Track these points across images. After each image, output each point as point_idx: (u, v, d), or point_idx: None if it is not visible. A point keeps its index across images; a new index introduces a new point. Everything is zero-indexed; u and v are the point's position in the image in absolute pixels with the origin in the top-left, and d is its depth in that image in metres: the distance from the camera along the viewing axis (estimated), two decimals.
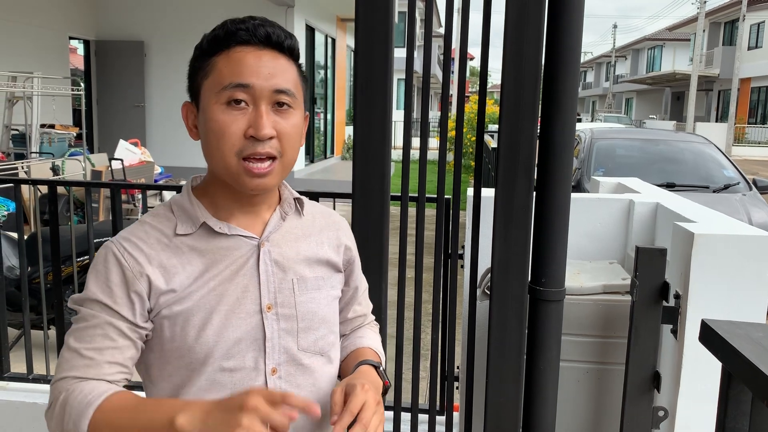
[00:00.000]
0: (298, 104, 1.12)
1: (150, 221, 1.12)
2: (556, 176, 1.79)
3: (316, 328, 1.16)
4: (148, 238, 1.09)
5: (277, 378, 1.12)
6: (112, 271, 1.06)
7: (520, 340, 1.88)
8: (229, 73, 1.06)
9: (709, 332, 1.13)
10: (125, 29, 11.57)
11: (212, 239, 1.10)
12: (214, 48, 1.09)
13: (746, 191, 6.11)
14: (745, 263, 1.79)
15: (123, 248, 1.07)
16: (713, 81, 33.77)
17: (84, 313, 1.05)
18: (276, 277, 1.13)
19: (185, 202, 1.13)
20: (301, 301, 1.15)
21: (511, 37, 1.77)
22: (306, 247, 1.19)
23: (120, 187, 2.88)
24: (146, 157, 8.72)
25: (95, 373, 1.03)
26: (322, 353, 1.18)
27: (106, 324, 1.04)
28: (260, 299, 1.11)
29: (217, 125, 1.06)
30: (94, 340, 1.04)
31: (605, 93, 51.78)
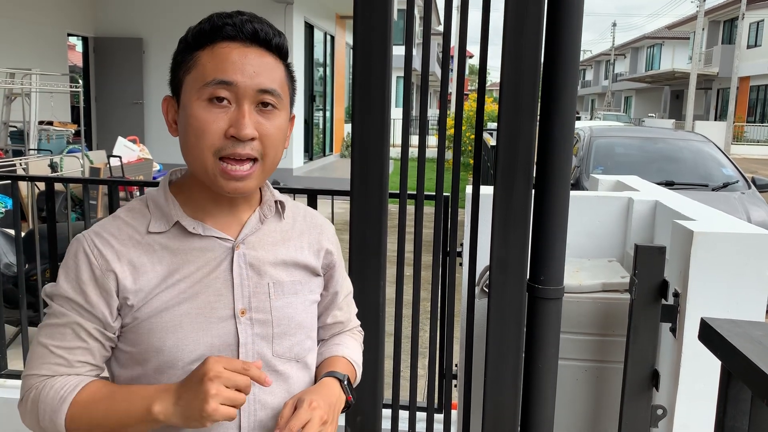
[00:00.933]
0: (284, 105, 1.08)
1: (123, 216, 1.08)
2: (555, 174, 1.78)
3: (292, 334, 1.13)
4: (120, 234, 1.05)
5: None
6: (81, 268, 1.03)
7: (518, 339, 1.87)
8: (212, 69, 1.01)
9: (709, 331, 1.13)
10: (124, 26, 11.55)
11: (185, 239, 1.06)
12: (199, 42, 1.05)
13: (745, 189, 6.12)
14: (745, 261, 1.79)
15: (93, 244, 1.04)
16: (712, 79, 33.78)
17: (55, 309, 1.04)
18: (251, 281, 1.09)
19: (160, 199, 1.09)
20: (277, 306, 1.11)
21: (510, 35, 1.76)
22: (284, 251, 1.14)
23: (118, 184, 2.88)
24: (145, 154, 8.72)
25: (66, 371, 1.03)
26: (298, 359, 1.15)
27: (76, 324, 1.03)
28: (233, 303, 1.07)
29: (197, 122, 1.01)
30: (65, 339, 1.03)
31: (604, 91, 51.78)
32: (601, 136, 7.00)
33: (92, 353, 1.04)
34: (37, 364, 1.03)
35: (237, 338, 1.07)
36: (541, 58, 1.77)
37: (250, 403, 1.07)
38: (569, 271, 2.16)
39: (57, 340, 1.03)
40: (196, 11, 8.49)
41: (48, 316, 1.05)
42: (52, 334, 1.03)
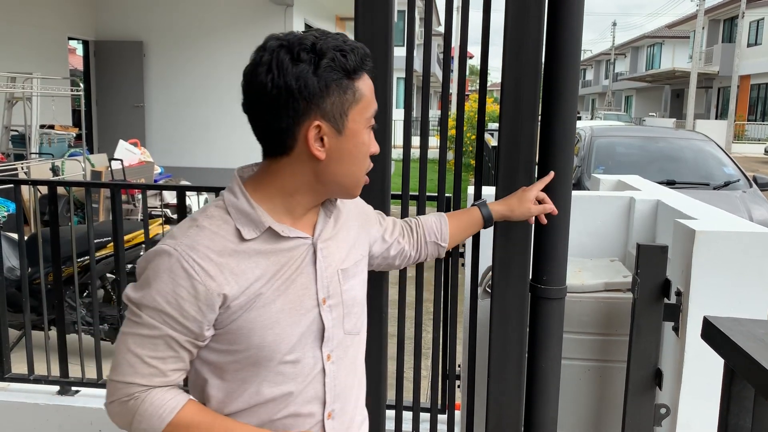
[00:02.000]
0: None
1: (208, 226, 1.11)
2: (556, 174, 1.78)
3: (356, 312, 1.26)
4: (214, 245, 1.09)
5: (330, 363, 1.20)
6: (180, 283, 1.06)
7: (521, 339, 1.88)
8: (372, 101, 1.16)
9: (712, 329, 1.13)
10: (124, 29, 11.55)
11: (275, 242, 1.14)
12: (353, 73, 1.12)
13: (746, 188, 6.11)
14: (747, 260, 1.79)
15: (192, 259, 1.07)
16: (713, 78, 33.75)
17: (145, 320, 1.08)
18: (327, 271, 1.21)
19: (245, 206, 1.13)
20: (345, 289, 1.23)
21: (511, 36, 1.76)
22: (344, 239, 1.27)
23: (120, 188, 2.88)
24: (146, 157, 8.72)
25: (160, 381, 1.10)
26: (359, 332, 1.29)
27: (168, 337, 1.08)
28: (317, 294, 1.18)
29: (366, 148, 1.17)
30: (157, 349, 1.09)
31: (605, 91, 51.74)
32: (602, 135, 7.00)
33: (183, 361, 1.12)
34: (130, 372, 1.09)
35: (322, 324, 1.18)
36: (542, 58, 1.77)
37: (330, 379, 1.20)
38: (571, 271, 2.16)
39: (149, 350, 1.08)
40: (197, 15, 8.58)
41: (136, 325, 1.09)
42: (143, 344, 1.08)
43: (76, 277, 3.15)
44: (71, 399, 2.98)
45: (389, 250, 1.51)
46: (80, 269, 3.88)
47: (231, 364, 1.14)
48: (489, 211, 1.66)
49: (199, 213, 1.14)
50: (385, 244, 1.50)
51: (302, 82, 1.07)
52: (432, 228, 1.60)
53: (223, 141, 11.34)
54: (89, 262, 3.08)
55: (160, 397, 1.09)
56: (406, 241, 1.56)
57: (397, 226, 1.55)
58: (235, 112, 5.95)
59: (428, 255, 1.62)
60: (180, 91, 11.48)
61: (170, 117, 11.57)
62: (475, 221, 1.67)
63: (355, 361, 1.29)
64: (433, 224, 1.60)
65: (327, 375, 1.20)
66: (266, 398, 1.15)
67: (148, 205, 8.08)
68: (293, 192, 1.16)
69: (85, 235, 3.05)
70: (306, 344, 1.17)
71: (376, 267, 1.54)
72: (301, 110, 1.09)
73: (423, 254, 1.60)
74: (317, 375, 1.18)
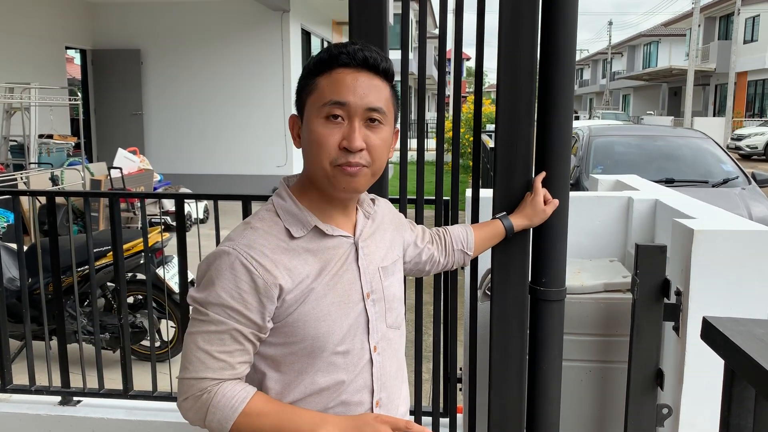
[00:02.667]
0: (388, 120, 1.25)
1: (261, 227, 1.22)
2: (553, 175, 1.78)
3: (395, 307, 1.35)
4: (269, 243, 1.19)
5: (377, 354, 1.29)
6: (241, 278, 1.15)
7: (521, 341, 1.87)
8: (329, 92, 1.19)
9: (711, 330, 1.13)
10: (121, 38, 11.57)
11: (321, 240, 1.25)
12: (319, 69, 1.22)
13: (745, 185, 6.11)
14: (746, 258, 1.78)
15: (250, 256, 1.16)
16: (710, 75, 33.76)
17: (212, 317, 1.16)
18: (369, 268, 1.30)
19: (293, 208, 1.25)
20: (386, 285, 1.33)
21: (505, 37, 1.76)
22: (380, 238, 1.37)
23: (118, 196, 2.88)
24: (145, 165, 8.72)
25: (230, 374, 1.17)
26: (399, 327, 1.38)
27: (235, 330, 1.16)
28: (362, 289, 1.27)
29: (317, 136, 1.19)
30: (224, 344, 1.16)
31: (602, 90, 51.77)
32: (600, 135, 6.99)
33: (249, 353, 1.20)
34: (201, 368, 1.16)
35: (367, 317, 1.27)
36: (536, 59, 1.77)
37: (377, 369, 1.29)
38: (571, 272, 2.16)
39: (217, 345, 1.16)
40: (193, 22, 8.58)
41: (203, 323, 1.17)
42: (211, 340, 1.16)
43: (76, 287, 3.14)
44: (73, 409, 2.97)
45: (421, 255, 1.60)
46: (81, 278, 3.88)
47: (288, 356, 1.22)
48: (510, 223, 1.76)
49: (252, 217, 1.26)
50: (417, 249, 1.59)
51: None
52: (459, 237, 1.69)
53: (222, 147, 11.35)
54: (89, 272, 3.08)
55: (231, 389, 1.16)
56: (435, 247, 1.64)
57: (426, 233, 1.64)
58: (234, 118, 6.09)
59: (455, 262, 1.70)
60: (178, 98, 11.50)
61: (169, 124, 11.59)
62: (498, 232, 1.76)
63: (398, 353, 1.37)
64: (459, 234, 1.69)
65: (374, 365, 1.28)
66: (320, 387, 1.23)
67: (148, 212, 8.08)
68: (311, 188, 1.27)
69: (85, 244, 3.05)
70: (355, 336, 1.25)
71: (408, 272, 1.62)
72: (297, 109, 1.28)
73: (450, 261, 1.69)
74: (365, 365, 1.27)
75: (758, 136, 19.89)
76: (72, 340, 3.56)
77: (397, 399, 1.36)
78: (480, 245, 1.73)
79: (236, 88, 11.18)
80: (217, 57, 11.23)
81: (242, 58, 11.12)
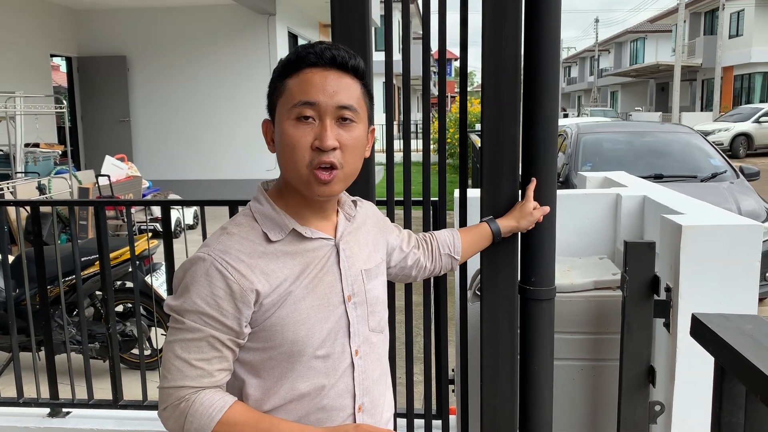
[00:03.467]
0: (361, 118, 1.23)
1: (237, 232, 1.21)
2: (540, 173, 1.77)
3: (378, 311, 1.34)
4: (245, 248, 1.18)
5: (358, 358, 1.27)
6: (216, 284, 1.14)
7: (512, 341, 1.86)
8: (298, 92, 1.18)
9: (700, 326, 1.12)
10: (107, 45, 11.51)
11: (299, 243, 1.23)
12: (288, 70, 1.21)
13: (734, 179, 6.14)
14: (734, 253, 1.78)
15: (225, 261, 1.15)
16: (696, 71, 33.96)
17: (188, 325, 1.14)
18: (351, 270, 1.28)
19: (270, 211, 1.24)
20: (369, 288, 1.31)
21: (488, 36, 1.75)
22: (363, 240, 1.35)
23: (103, 204, 2.85)
24: (133, 171, 8.67)
25: (208, 381, 1.15)
26: (382, 331, 1.36)
27: (211, 337, 1.14)
28: (343, 292, 1.26)
29: (289, 139, 1.18)
30: (202, 351, 1.14)
31: (590, 87, 51.97)
32: (588, 132, 7.01)
33: (227, 360, 1.18)
34: (179, 376, 1.14)
35: (348, 320, 1.26)
36: (521, 58, 1.76)
37: (359, 373, 1.27)
38: (560, 271, 2.15)
39: (194, 353, 1.14)
40: (179, 27, 8.54)
41: (179, 331, 1.15)
42: (189, 348, 1.14)
43: (62, 297, 3.11)
44: (62, 421, 2.94)
45: (406, 260, 1.58)
46: (69, 288, 3.84)
47: (267, 362, 1.21)
48: (497, 226, 1.74)
49: (229, 222, 1.24)
50: (402, 253, 1.57)
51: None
52: (445, 241, 1.66)
53: (210, 152, 11.30)
54: (76, 282, 3.04)
55: (210, 398, 1.14)
56: (422, 252, 1.62)
57: (412, 237, 1.62)
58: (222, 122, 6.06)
59: (443, 267, 1.68)
60: (165, 104, 11.45)
61: (157, 130, 11.53)
62: (485, 235, 1.74)
63: (381, 358, 1.36)
64: (446, 238, 1.67)
65: (356, 369, 1.27)
66: (301, 393, 1.21)
67: (137, 220, 8.03)
68: (288, 191, 1.25)
69: (71, 254, 3.01)
70: (336, 339, 1.24)
71: (394, 277, 1.61)
72: (269, 113, 1.27)
73: (438, 266, 1.66)
74: (347, 369, 1.25)
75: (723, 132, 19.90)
76: (61, 351, 3.52)
77: (381, 405, 1.34)
78: (468, 249, 1.71)
79: (224, 93, 11.14)
80: (204, 62, 11.19)
81: (229, 63, 11.08)
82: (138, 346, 3.03)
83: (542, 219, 1.77)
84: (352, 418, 1.26)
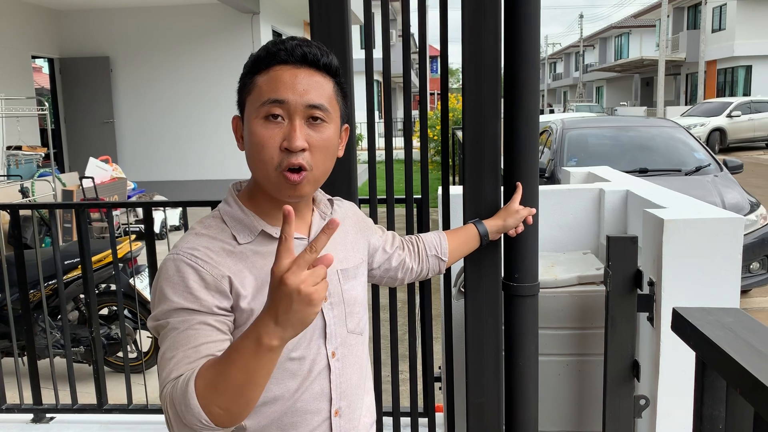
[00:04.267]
0: (332, 118, 1.18)
1: (206, 233, 1.17)
2: (522, 169, 1.77)
3: (357, 312, 1.29)
4: (213, 246, 1.14)
5: (335, 360, 1.23)
6: (189, 278, 1.09)
7: (497, 338, 1.86)
8: (267, 90, 1.14)
9: (681, 321, 1.12)
10: (89, 45, 11.40)
11: (270, 243, 1.18)
12: (257, 67, 1.17)
13: (717, 172, 6.18)
14: (717, 246, 1.78)
15: (193, 257, 1.11)
16: (680, 65, 34.17)
17: (172, 324, 1.07)
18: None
19: (239, 213, 1.20)
20: (346, 289, 1.27)
21: (468, 33, 1.75)
22: (339, 240, 1.31)
23: (84, 207, 2.82)
24: (118, 173, 8.60)
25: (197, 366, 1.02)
26: (362, 333, 1.31)
27: (198, 324, 1.07)
28: None
29: (257, 138, 1.13)
30: (190, 341, 1.06)
31: (576, 83, 52.19)
32: (574, 128, 7.03)
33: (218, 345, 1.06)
34: (166, 374, 1.03)
35: (324, 321, 1.22)
36: (500, 55, 1.75)
37: (336, 376, 1.23)
38: (544, 266, 2.15)
39: (183, 345, 1.05)
40: (162, 27, 8.48)
41: (166, 334, 1.07)
42: (175, 344, 1.05)
43: (44, 300, 3.07)
44: (46, 426, 2.91)
45: (390, 261, 1.53)
46: (53, 292, 3.80)
47: None
48: (484, 226, 1.72)
49: (197, 223, 1.20)
50: (386, 254, 1.52)
51: None
52: (432, 243, 1.63)
53: (196, 153, 11.23)
54: (57, 286, 3.01)
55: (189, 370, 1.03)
56: (407, 253, 1.58)
57: (396, 238, 1.58)
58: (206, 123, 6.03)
59: (430, 269, 1.63)
60: (150, 105, 11.36)
61: (141, 131, 11.44)
62: (472, 236, 1.71)
63: (361, 361, 1.31)
64: (432, 240, 1.63)
65: (332, 372, 1.22)
66: (274, 395, 1.17)
67: (122, 222, 7.97)
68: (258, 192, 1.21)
69: (52, 258, 2.98)
70: (311, 340, 1.19)
71: (379, 280, 1.56)
72: (239, 110, 1.22)
73: (425, 268, 1.62)
74: (322, 371, 1.21)
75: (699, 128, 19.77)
76: (44, 355, 3.48)
77: (359, 409, 1.30)
78: (455, 250, 1.67)
79: (208, 93, 11.06)
80: (188, 61, 11.11)
81: (213, 62, 11.01)
82: (122, 348, 3.00)
83: (531, 219, 1.76)
84: (327, 423, 1.22)
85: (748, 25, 28.23)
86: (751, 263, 5.28)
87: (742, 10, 28.34)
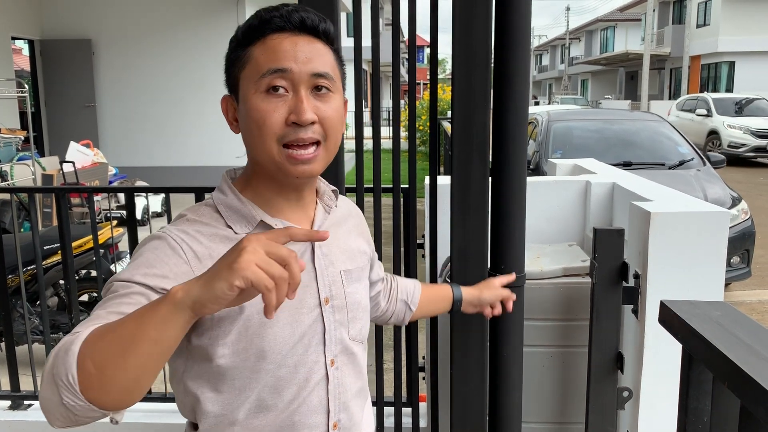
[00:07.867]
0: (337, 88, 1.09)
1: (199, 219, 1.07)
2: (510, 160, 1.76)
3: (360, 317, 1.19)
4: (206, 231, 1.05)
5: (334, 369, 1.13)
6: (162, 259, 0.97)
7: (482, 328, 1.85)
8: (266, 61, 1.03)
9: (668, 313, 1.11)
10: (71, 27, 11.21)
11: None
12: (250, 38, 1.06)
13: (700, 167, 6.23)
14: (702, 240, 1.79)
15: (180, 239, 1.01)
16: (665, 59, 34.40)
17: (116, 286, 0.94)
18: (328, 270, 1.14)
19: (234, 202, 1.09)
20: (349, 292, 1.16)
21: (459, 22, 1.73)
22: (345, 239, 1.21)
23: (64, 192, 2.77)
24: (99, 158, 8.49)
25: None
26: (363, 341, 1.22)
27: (139, 294, 0.93)
28: (318, 293, 1.11)
29: (257, 114, 1.03)
30: (121, 306, 0.91)
31: (561, 75, 52.40)
32: (559, 120, 7.05)
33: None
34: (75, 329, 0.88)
35: (323, 326, 1.11)
36: (491, 45, 1.74)
37: (334, 386, 1.12)
38: (530, 257, 2.15)
39: (110, 307, 0.91)
40: (146, 10, 8.37)
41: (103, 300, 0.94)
42: (105, 305, 0.91)
43: (23, 286, 3.03)
44: (24, 413, 2.87)
45: (372, 288, 1.41)
46: (32, 277, 3.75)
47: (228, 371, 1.03)
48: (460, 291, 1.59)
49: (188, 210, 1.10)
50: (372, 281, 1.39)
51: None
52: (405, 288, 1.52)
53: (179, 138, 11.12)
54: (36, 272, 2.96)
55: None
56: (382, 287, 1.47)
57: (382, 269, 1.47)
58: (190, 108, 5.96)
59: (395, 314, 1.52)
60: (132, 89, 11.21)
61: (123, 116, 11.30)
62: (446, 297, 1.59)
63: (362, 370, 1.22)
64: (407, 285, 1.53)
65: (330, 382, 1.12)
66: (267, 406, 1.06)
67: (104, 207, 7.88)
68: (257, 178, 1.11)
69: (31, 242, 2.93)
70: (308, 347, 1.09)
71: None
72: (229, 88, 1.11)
73: (391, 310, 1.51)
74: (320, 381, 1.10)
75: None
76: (23, 342, 3.44)
77: (359, 422, 1.20)
78: (424, 305, 1.55)
79: (192, 78, 10.93)
80: (172, 46, 10.97)
81: (197, 46, 10.87)
82: None
83: (512, 206, 1.75)
84: None
85: (733, 21, 28.43)
86: (731, 257, 5.34)
87: (727, 6, 28.52)
